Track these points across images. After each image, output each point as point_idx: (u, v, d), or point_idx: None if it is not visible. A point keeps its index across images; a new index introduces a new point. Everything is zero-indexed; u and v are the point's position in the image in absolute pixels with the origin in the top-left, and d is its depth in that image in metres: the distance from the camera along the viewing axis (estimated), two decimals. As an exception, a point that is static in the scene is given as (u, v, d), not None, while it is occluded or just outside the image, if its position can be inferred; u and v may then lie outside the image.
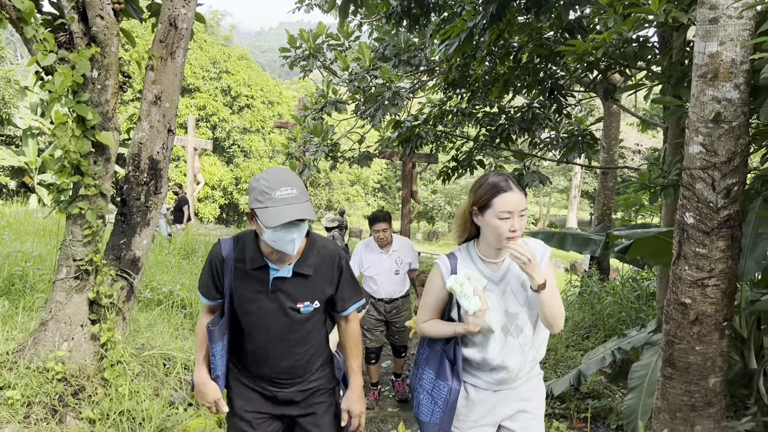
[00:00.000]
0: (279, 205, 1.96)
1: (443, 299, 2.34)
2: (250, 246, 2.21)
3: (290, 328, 2.26)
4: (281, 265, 2.19)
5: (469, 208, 2.25)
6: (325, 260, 2.28)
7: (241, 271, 2.21)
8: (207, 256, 2.29)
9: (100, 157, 3.62)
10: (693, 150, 2.97)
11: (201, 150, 17.35)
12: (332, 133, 8.69)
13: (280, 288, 2.20)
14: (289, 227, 1.98)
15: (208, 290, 2.31)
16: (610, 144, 10.10)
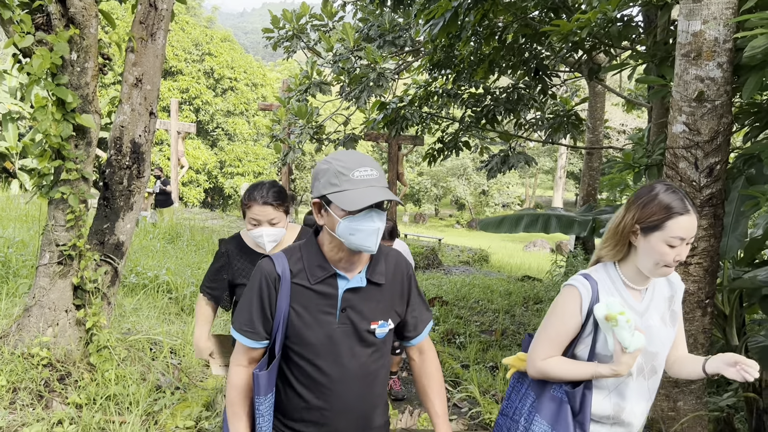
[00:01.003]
0: (360, 186, 1.61)
1: (574, 331, 1.89)
2: (311, 253, 1.73)
3: (365, 360, 1.75)
4: (352, 272, 1.73)
5: (630, 225, 1.83)
6: (395, 268, 1.83)
7: (302, 288, 1.70)
8: (249, 282, 1.76)
9: (81, 141, 3.57)
10: (676, 129, 2.99)
11: (184, 133, 17.17)
12: (317, 115, 8.64)
13: (351, 304, 1.72)
14: (371, 214, 1.62)
15: (255, 329, 1.71)
16: (595, 124, 10.14)
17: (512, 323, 7.51)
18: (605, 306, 1.77)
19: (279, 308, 1.69)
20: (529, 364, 1.96)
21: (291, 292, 1.70)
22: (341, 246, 1.67)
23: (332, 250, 1.70)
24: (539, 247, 23.38)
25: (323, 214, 1.68)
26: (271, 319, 1.71)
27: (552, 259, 10.81)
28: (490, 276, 11.56)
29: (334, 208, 1.62)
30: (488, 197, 38.40)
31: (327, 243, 1.71)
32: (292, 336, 1.71)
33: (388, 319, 1.78)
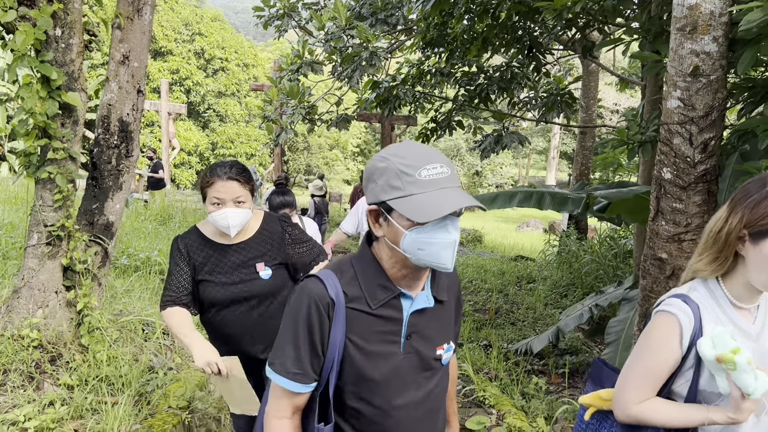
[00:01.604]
0: (430, 189, 1.27)
1: (673, 368, 1.53)
2: (368, 270, 1.41)
3: (430, 392, 1.49)
4: (415, 289, 1.44)
5: (737, 231, 1.49)
6: (448, 278, 1.56)
7: (360, 314, 1.39)
8: (290, 309, 1.41)
9: (67, 120, 3.51)
10: (671, 104, 2.96)
11: (175, 115, 17.03)
12: (309, 95, 8.55)
13: (417, 329, 1.44)
14: (445, 223, 1.28)
15: (304, 369, 1.38)
16: (589, 103, 10.10)
17: (505, 302, 7.54)
18: (711, 343, 1.43)
19: (333, 341, 1.36)
20: (617, 408, 1.61)
21: (347, 320, 1.37)
22: (405, 261, 1.35)
23: (394, 267, 1.39)
24: (532, 227, 23.43)
25: (382, 223, 1.36)
26: (322, 355, 1.38)
27: (545, 238, 10.84)
28: (483, 256, 11.58)
29: (397, 218, 1.30)
30: (482, 178, 38.40)
31: (387, 258, 1.39)
32: (348, 373, 1.39)
33: (450, 341, 1.52)
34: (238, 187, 2.29)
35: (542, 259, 10.33)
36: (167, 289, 2.40)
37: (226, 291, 2.39)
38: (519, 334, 6.11)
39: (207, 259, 2.40)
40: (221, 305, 2.41)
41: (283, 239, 2.52)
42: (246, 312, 2.43)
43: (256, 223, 2.50)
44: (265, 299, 2.45)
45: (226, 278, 2.40)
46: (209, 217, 2.32)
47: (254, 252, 2.45)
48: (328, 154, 34.23)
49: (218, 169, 2.29)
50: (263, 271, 2.44)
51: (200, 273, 2.40)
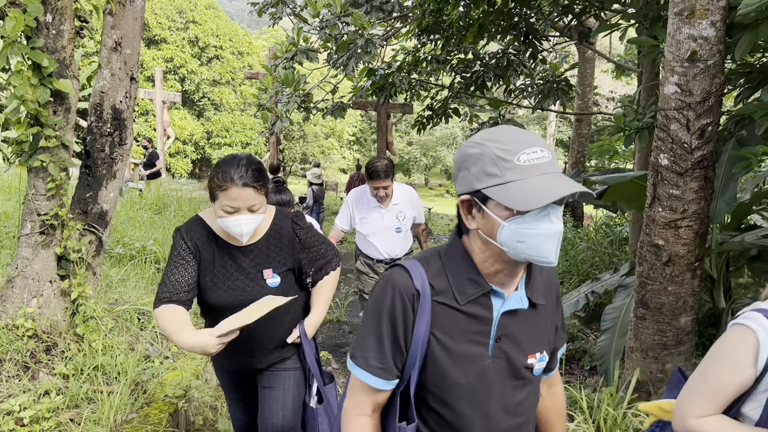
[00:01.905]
0: (531, 175, 1.15)
1: (744, 387, 1.41)
2: (458, 263, 1.30)
3: (518, 404, 1.36)
4: (509, 287, 1.32)
5: None
6: (547, 280, 1.43)
7: (447, 309, 1.28)
8: (374, 299, 1.34)
9: (59, 107, 3.47)
10: (668, 90, 2.94)
11: (170, 103, 16.91)
12: (304, 83, 8.50)
13: (507, 331, 1.31)
14: (547, 212, 1.17)
15: (386, 364, 1.31)
16: (585, 91, 10.08)
17: (502, 290, 7.53)
18: None
19: (416, 335, 1.27)
20: (676, 418, 1.50)
21: (432, 314, 1.27)
22: (501, 256, 1.24)
23: (486, 261, 1.27)
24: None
25: (475, 215, 1.24)
26: (405, 350, 1.30)
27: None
28: (479, 244, 11.57)
29: (493, 207, 1.19)
30: (478, 166, 38.33)
31: (479, 251, 1.27)
32: (431, 373, 1.30)
33: (544, 350, 1.38)
34: (254, 194, 2.07)
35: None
36: (165, 285, 2.16)
37: (229, 296, 2.23)
38: (515, 321, 6.11)
39: (213, 259, 2.22)
40: (223, 309, 2.21)
41: (293, 243, 2.33)
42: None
43: (266, 222, 2.30)
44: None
45: (231, 282, 2.24)
46: (219, 221, 2.11)
47: (262, 257, 2.27)
48: (323, 143, 34.13)
49: (233, 173, 2.02)
50: (271, 278, 2.28)
51: (206, 273, 2.23)
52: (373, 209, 4.29)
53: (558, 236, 1.18)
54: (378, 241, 4.32)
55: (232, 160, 2.08)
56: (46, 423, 2.84)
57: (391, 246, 4.33)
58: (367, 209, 4.31)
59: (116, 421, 2.96)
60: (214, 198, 2.09)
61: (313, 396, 2.46)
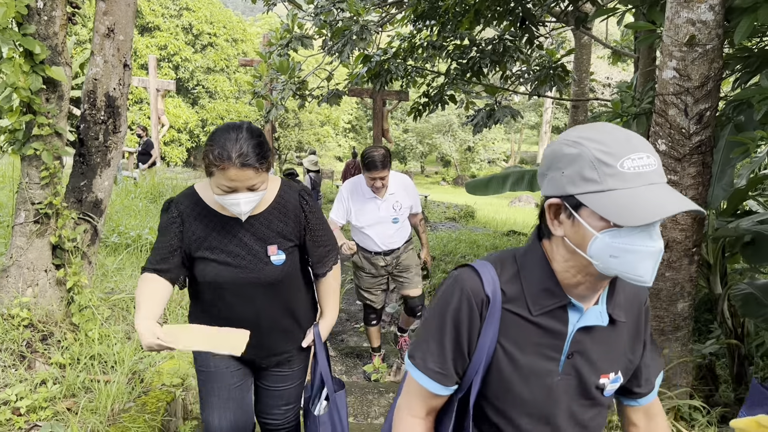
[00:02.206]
0: (636, 184, 1.03)
1: None
2: (535, 270, 1.21)
3: (587, 425, 1.29)
4: (588, 301, 1.22)
5: None
6: (632, 295, 1.31)
7: (518, 318, 1.20)
8: (439, 299, 1.25)
9: (52, 95, 3.43)
10: (666, 75, 2.93)
11: (164, 91, 16.80)
12: (299, 71, 8.44)
13: (581, 348, 1.22)
14: (649, 229, 1.05)
15: (445, 369, 1.23)
16: (581, 77, 10.03)
17: (498, 277, 7.55)
18: None
19: (482, 343, 1.19)
20: None
21: (501, 323, 1.19)
22: (587, 268, 1.13)
23: (568, 271, 1.16)
24: (524, 202, 23.49)
25: (563, 220, 1.14)
26: (468, 356, 1.22)
27: (537, 213, 10.84)
28: (476, 231, 11.59)
29: (587, 216, 1.08)
30: (474, 153, 38.32)
31: (562, 260, 1.17)
32: (494, 384, 1.22)
33: (619, 371, 1.27)
34: (254, 174, 1.87)
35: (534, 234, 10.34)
36: (151, 254, 2.07)
37: (230, 273, 2.04)
38: (512, 308, 6.13)
39: (208, 233, 2.03)
40: (222, 289, 2.07)
41: (299, 218, 2.13)
42: (249, 299, 2.10)
43: (272, 193, 2.09)
44: (273, 287, 2.12)
45: (230, 258, 2.04)
46: (216, 198, 1.92)
47: (266, 231, 2.07)
48: (319, 131, 34.02)
49: (231, 150, 1.81)
50: (275, 255, 2.07)
51: (199, 248, 2.03)
52: (369, 200, 4.13)
53: (658, 255, 1.06)
54: (375, 233, 4.18)
55: (230, 134, 1.84)
56: (43, 412, 2.83)
57: (389, 237, 4.21)
58: (363, 201, 4.14)
59: (113, 410, 2.95)
60: (209, 174, 1.88)
61: (321, 402, 2.31)
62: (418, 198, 4.38)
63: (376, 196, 4.09)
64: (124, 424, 2.81)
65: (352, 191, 4.18)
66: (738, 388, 3.87)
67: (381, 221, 4.15)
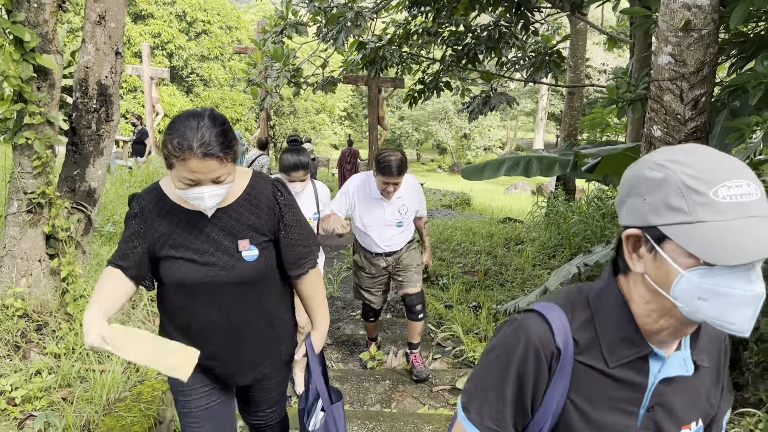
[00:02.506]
0: (732, 216, 0.89)
1: None
2: (611, 315, 1.07)
3: None
4: (669, 348, 1.08)
5: None
6: (713, 335, 1.15)
7: (591, 371, 1.06)
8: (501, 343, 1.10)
9: (43, 83, 3.40)
10: (662, 61, 2.91)
11: (158, 79, 16.68)
12: (294, 58, 8.38)
13: (662, 399, 1.08)
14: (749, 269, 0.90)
15: (504, 425, 1.08)
16: (577, 63, 10.01)
17: (494, 264, 7.56)
18: None
19: (549, 399, 1.06)
20: None
21: (573, 376, 1.05)
22: (671, 311, 0.98)
23: (650, 315, 1.02)
24: (520, 189, 23.49)
25: (643, 254, 0.99)
26: (530, 413, 1.08)
27: (533, 200, 10.85)
28: (471, 219, 11.60)
29: (672, 251, 0.93)
30: (470, 141, 38.25)
31: (641, 301, 1.02)
32: None
33: (699, 419, 1.13)
34: (219, 165, 1.69)
35: (530, 221, 10.36)
36: (117, 252, 1.90)
37: (197, 271, 1.85)
38: (508, 294, 6.15)
39: (172, 230, 1.85)
40: (189, 292, 1.88)
41: (273, 210, 1.95)
42: (219, 303, 1.90)
43: (241, 184, 1.92)
44: (246, 287, 1.92)
45: (197, 256, 1.85)
46: (179, 192, 1.75)
47: (236, 224, 1.89)
48: (314, 119, 33.89)
49: (192, 139, 1.64)
50: (247, 251, 1.88)
51: (163, 247, 1.85)
52: (375, 201, 3.93)
53: (758, 301, 0.90)
54: (377, 234, 4.01)
55: (190, 121, 1.67)
56: (38, 402, 2.83)
57: (391, 239, 4.04)
58: (368, 201, 3.94)
59: (109, 399, 2.95)
60: (170, 166, 1.70)
61: (316, 415, 2.16)
62: (424, 201, 4.24)
63: (384, 198, 3.91)
64: (120, 414, 2.81)
65: (359, 188, 3.97)
66: (732, 372, 3.89)
67: (385, 224, 3.98)
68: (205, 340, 1.92)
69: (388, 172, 3.69)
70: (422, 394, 3.86)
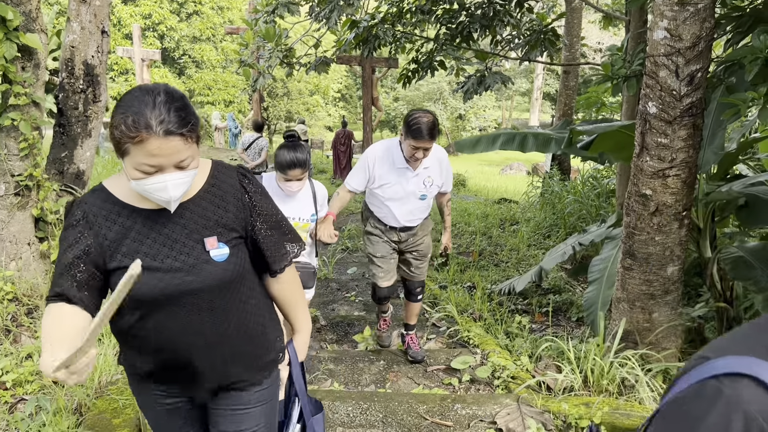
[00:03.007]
0: None
1: None
2: None
3: None
4: None
5: None
6: None
7: None
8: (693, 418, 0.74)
9: (28, 63, 3.34)
10: (657, 36, 2.86)
11: (149, 61, 16.52)
12: (286, 38, 8.28)
13: None
14: None
15: None
16: (572, 41, 9.92)
17: (489, 244, 7.55)
18: None
19: None
20: None
21: None
22: None
23: None
24: (515, 170, 23.44)
25: None
26: None
27: (528, 181, 10.83)
28: (467, 200, 11.57)
29: None
30: (465, 121, 38.12)
31: None
32: None
33: None
34: (182, 144, 1.42)
35: (525, 201, 10.34)
36: (55, 278, 1.52)
37: (159, 281, 1.51)
38: (502, 275, 6.14)
39: (123, 235, 1.52)
40: (151, 305, 1.54)
41: (242, 201, 1.66)
42: (189, 316, 1.57)
43: (202, 176, 1.63)
44: (219, 294, 1.60)
45: (157, 262, 1.52)
46: (135, 185, 1.45)
47: (200, 220, 1.59)
48: (308, 100, 33.66)
49: (149, 116, 1.37)
50: (216, 249, 1.58)
51: (114, 257, 1.51)
52: (399, 171, 3.55)
53: None
54: (396, 207, 3.64)
55: (144, 96, 1.40)
56: (29, 386, 2.81)
57: (410, 214, 3.68)
58: (391, 170, 3.56)
59: (100, 382, 2.93)
60: (123, 153, 1.41)
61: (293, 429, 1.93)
62: (451, 176, 3.86)
63: (409, 167, 3.54)
64: (112, 397, 2.79)
65: (382, 158, 3.58)
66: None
67: (407, 196, 3.62)
68: (174, 363, 1.63)
69: (418, 134, 3.31)
70: (417, 374, 3.86)
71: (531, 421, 2.96)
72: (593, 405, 3.00)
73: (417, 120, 3.32)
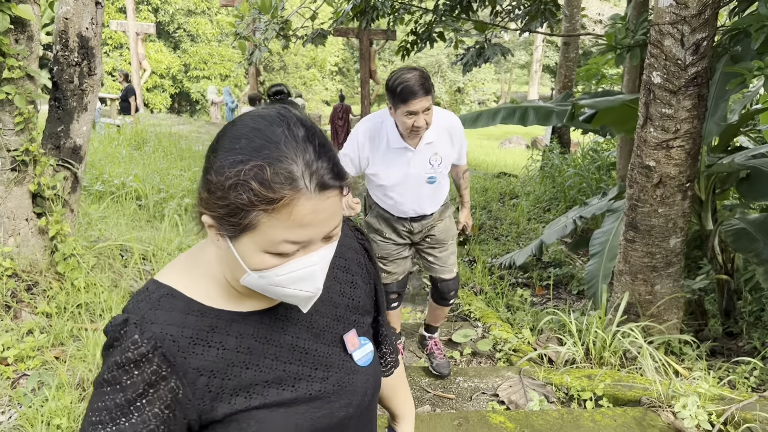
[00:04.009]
0: None
1: None
2: None
3: None
4: None
5: None
6: None
7: None
8: None
9: (21, 35, 3.27)
10: (663, 3, 2.81)
11: (144, 35, 16.31)
12: (282, 10, 8.15)
13: None
14: None
15: None
16: (573, 12, 9.79)
17: (489, 218, 7.54)
18: None
19: None
20: None
21: None
22: None
23: None
24: (515, 143, 23.33)
25: None
26: None
27: (528, 154, 10.77)
28: (465, 173, 11.52)
29: None
30: (464, 95, 37.87)
31: None
32: None
33: None
34: (338, 203, 0.87)
35: (525, 175, 10.30)
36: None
37: (302, 418, 0.96)
38: (503, 248, 6.14)
39: (228, 361, 0.92)
40: None
41: (366, 268, 1.16)
42: None
43: None
44: (367, 413, 1.09)
45: (289, 392, 0.96)
46: (255, 277, 0.87)
47: (327, 308, 1.06)
48: (305, 74, 33.35)
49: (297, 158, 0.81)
50: (359, 348, 1.07)
51: (219, 401, 0.90)
52: (396, 152, 2.84)
53: None
54: (401, 194, 2.96)
55: (273, 128, 0.83)
56: (31, 362, 2.81)
57: (421, 201, 2.99)
58: (385, 151, 2.85)
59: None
60: (243, 228, 0.83)
61: None
62: (466, 144, 3.10)
63: (408, 145, 2.81)
64: (115, 372, 2.78)
65: (372, 137, 2.87)
66: (726, 321, 3.91)
67: (411, 180, 2.90)
68: None
69: (408, 94, 2.56)
70: (419, 348, 3.87)
71: (533, 393, 2.97)
72: (595, 377, 3.01)
73: (401, 78, 2.60)
